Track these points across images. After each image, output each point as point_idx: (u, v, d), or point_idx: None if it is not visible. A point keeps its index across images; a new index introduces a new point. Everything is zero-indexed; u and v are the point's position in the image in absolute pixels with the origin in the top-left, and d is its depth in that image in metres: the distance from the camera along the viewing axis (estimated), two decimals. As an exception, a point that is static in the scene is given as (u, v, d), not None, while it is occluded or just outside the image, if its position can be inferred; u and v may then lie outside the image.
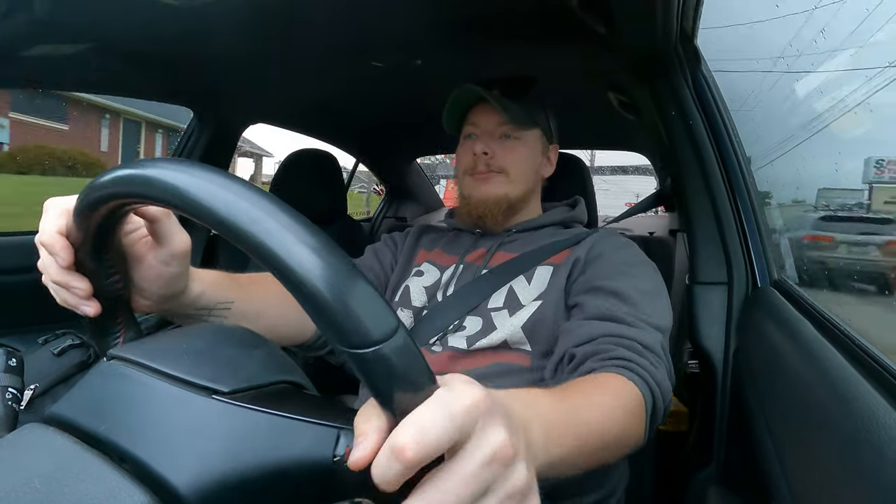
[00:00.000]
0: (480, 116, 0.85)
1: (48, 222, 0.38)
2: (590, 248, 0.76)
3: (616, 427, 0.50)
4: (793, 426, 0.55)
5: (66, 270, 0.38)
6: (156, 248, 0.45)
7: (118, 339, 0.41)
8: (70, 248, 0.38)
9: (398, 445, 0.23)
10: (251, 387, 0.31)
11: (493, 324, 0.72)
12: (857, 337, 0.52)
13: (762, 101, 1.17)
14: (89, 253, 0.38)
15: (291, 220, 0.26)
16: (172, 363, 0.31)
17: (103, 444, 0.28)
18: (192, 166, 0.28)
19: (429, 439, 0.23)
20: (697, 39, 0.94)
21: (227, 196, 0.26)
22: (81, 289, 0.39)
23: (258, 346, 0.35)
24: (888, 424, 0.37)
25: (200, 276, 0.53)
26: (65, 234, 0.38)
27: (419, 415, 0.24)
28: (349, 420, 0.29)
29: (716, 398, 0.84)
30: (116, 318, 0.42)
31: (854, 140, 1.10)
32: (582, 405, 0.48)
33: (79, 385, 0.33)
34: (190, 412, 0.29)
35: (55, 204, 0.40)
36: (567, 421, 0.42)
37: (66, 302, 0.40)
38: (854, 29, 1.30)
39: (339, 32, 1.01)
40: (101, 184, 0.33)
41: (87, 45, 1.00)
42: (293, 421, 0.29)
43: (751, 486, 0.67)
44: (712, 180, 0.92)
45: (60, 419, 0.30)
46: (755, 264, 0.87)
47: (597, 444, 0.46)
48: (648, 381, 0.57)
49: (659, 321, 0.65)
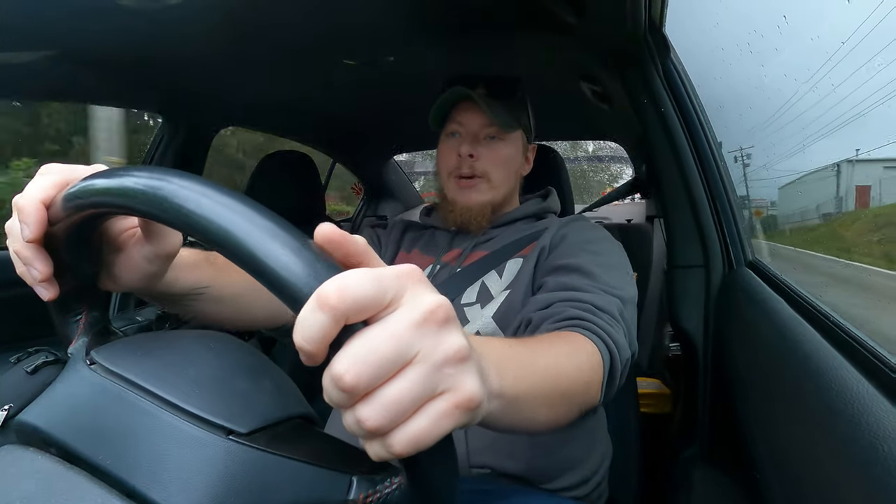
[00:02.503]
0: (466, 116, 0.84)
1: (35, 186, 0.35)
2: (554, 234, 0.78)
3: (572, 372, 0.50)
4: (772, 401, 0.56)
5: (32, 245, 0.35)
6: (142, 244, 0.42)
7: (79, 319, 0.38)
8: (43, 223, 0.34)
9: (322, 293, 0.23)
10: (267, 425, 0.30)
11: (465, 318, 0.74)
12: (831, 313, 0.54)
13: (730, 86, 1.19)
14: (64, 239, 0.35)
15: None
16: (184, 395, 0.29)
17: (104, 475, 0.27)
18: (174, 176, 0.28)
19: (352, 290, 0.23)
20: (666, 28, 0.96)
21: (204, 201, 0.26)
22: (40, 271, 0.35)
23: (266, 374, 0.34)
24: (861, 394, 0.38)
25: (177, 258, 0.49)
26: (47, 204, 0.34)
27: (346, 274, 0.24)
28: (362, 464, 0.29)
29: (698, 378, 0.86)
30: (81, 298, 0.39)
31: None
32: (537, 349, 0.48)
33: (59, 395, 0.31)
34: (207, 454, 0.27)
35: (52, 170, 0.36)
36: (522, 361, 0.42)
37: (23, 275, 0.37)
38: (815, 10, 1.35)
39: (310, 32, 0.99)
40: (77, 192, 0.31)
41: (47, 52, 0.97)
42: (309, 466, 0.28)
43: (735, 461, 0.69)
44: (685, 166, 0.94)
45: (42, 435, 0.29)
46: (730, 247, 0.89)
47: (553, 387, 0.46)
48: (604, 338, 0.57)
49: (618, 291, 0.65)
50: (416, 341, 0.24)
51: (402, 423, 0.24)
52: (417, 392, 0.24)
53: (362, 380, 0.23)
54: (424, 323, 0.24)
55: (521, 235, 0.82)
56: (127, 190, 0.29)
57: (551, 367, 0.47)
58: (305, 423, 0.33)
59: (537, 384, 0.42)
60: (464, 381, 0.25)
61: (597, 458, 0.74)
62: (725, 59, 1.17)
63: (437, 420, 0.24)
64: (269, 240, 0.25)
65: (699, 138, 0.94)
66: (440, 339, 0.25)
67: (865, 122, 0.88)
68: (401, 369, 0.24)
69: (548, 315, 0.62)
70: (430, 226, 0.92)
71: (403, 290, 0.25)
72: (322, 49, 1.08)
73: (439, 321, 0.25)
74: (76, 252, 0.37)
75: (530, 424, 0.44)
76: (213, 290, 0.54)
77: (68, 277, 0.37)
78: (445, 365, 0.25)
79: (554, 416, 0.47)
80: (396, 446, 0.24)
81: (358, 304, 0.23)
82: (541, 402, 0.43)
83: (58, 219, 0.34)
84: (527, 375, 0.40)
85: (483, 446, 0.66)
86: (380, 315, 0.24)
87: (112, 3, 0.80)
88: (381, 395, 0.23)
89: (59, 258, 0.36)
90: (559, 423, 0.49)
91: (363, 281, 0.23)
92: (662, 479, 0.92)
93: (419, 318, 0.24)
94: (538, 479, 0.68)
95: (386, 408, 0.23)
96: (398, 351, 0.23)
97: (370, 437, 0.24)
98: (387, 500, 0.28)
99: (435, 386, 0.24)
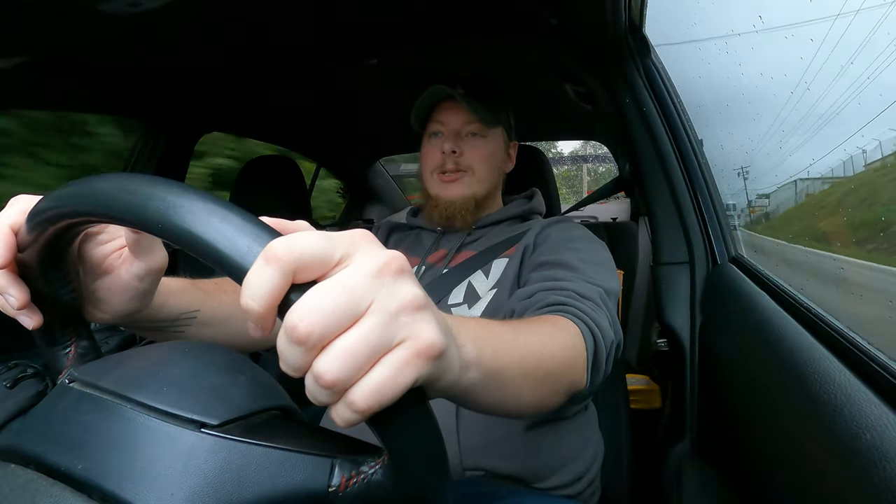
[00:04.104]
0: (447, 114, 0.86)
1: (3, 214, 0.34)
2: (537, 233, 0.79)
3: (555, 351, 0.49)
4: (757, 394, 0.57)
5: (4, 272, 0.34)
6: (130, 262, 0.42)
7: (69, 350, 0.38)
8: (12, 248, 0.33)
9: (269, 248, 0.22)
10: (241, 416, 0.29)
11: None
12: (812, 306, 0.55)
13: (710, 86, 1.21)
14: (37, 263, 0.35)
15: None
16: (153, 394, 0.29)
17: (82, 485, 0.26)
18: (142, 182, 0.27)
19: (299, 244, 0.22)
20: (646, 28, 0.97)
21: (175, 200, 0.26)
22: (16, 297, 0.34)
23: (241, 370, 0.33)
24: (843, 385, 0.39)
25: (163, 285, 0.49)
26: (16, 231, 0.34)
27: (294, 233, 0.23)
28: (343, 448, 0.28)
29: (685, 373, 0.87)
30: (67, 328, 0.38)
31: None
32: (518, 328, 0.48)
33: (39, 413, 0.31)
34: (178, 448, 0.27)
35: (21, 200, 0.35)
36: (502, 337, 0.41)
37: (2, 308, 0.36)
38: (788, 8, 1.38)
39: (293, 35, 0.98)
40: (37, 209, 0.31)
41: (21, 58, 0.94)
42: (287, 452, 0.28)
43: (724, 455, 0.70)
44: (668, 164, 0.95)
45: (21, 452, 0.28)
46: (714, 243, 0.91)
47: (536, 365, 0.45)
48: (586, 321, 0.57)
49: (601, 283, 0.66)
50: (370, 292, 0.23)
51: (362, 376, 0.23)
52: (374, 341, 0.23)
53: (315, 328, 0.22)
54: (379, 274, 0.24)
55: (506, 236, 0.83)
56: (80, 195, 0.29)
57: (533, 344, 0.46)
58: (284, 413, 0.32)
59: (518, 361, 0.42)
60: (422, 329, 0.24)
61: (589, 455, 0.75)
62: (704, 57, 1.19)
63: (397, 369, 0.23)
64: (215, 217, 0.24)
65: (681, 136, 0.96)
66: (395, 288, 0.24)
67: (841, 119, 0.90)
68: (356, 321, 0.23)
69: (531, 303, 0.62)
70: (416, 226, 0.92)
71: (355, 248, 0.24)
72: (305, 53, 1.07)
73: (393, 272, 0.24)
74: (51, 277, 0.36)
75: (517, 405, 0.44)
76: (204, 314, 0.53)
77: (48, 306, 0.36)
78: (401, 313, 0.24)
79: (540, 396, 0.47)
80: (358, 401, 0.23)
81: (305, 258, 0.22)
82: (524, 380, 0.43)
83: (26, 243, 0.33)
84: (508, 351, 0.40)
85: (475, 448, 0.66)
86: (330, 272, 0.24)
87: (90, 8, 0.78)
88: (335, 346, 0.22)
89: (35, 287, 0.35)
90: (547, 404, 0.49)
91: (311, 236, 0.23)
92: (654, 474, 0.93)
93: (373, 269, 0.24)
94: (531, 478, 0.68)
95: (341, 358, 0.22)
96: (352, 300, 0.23)
97: (332, 398, 0.23)
98: (370, 480, 0.27)
99: (392, 335, 0.23)
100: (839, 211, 1.06)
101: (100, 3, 0.77)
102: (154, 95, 1.23)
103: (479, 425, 0.67)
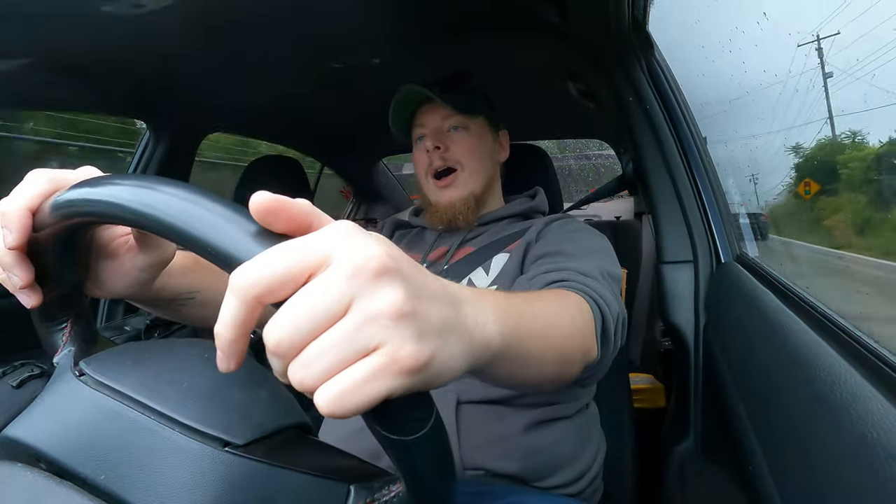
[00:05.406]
0: (426, 116, 0.88)
1: (21, 192, 0.33)
2: (539, 230, 0.79)
3: (567, 319, 0.50)
4: (762, 392, 0.57)
5: (13, 252, 0.33)
6: (134, 252, 0.41)
7: (64, 327, 0.37)
8: (27, 230, 0.33)
9: (232, 279, 0.23)
10: (264, 436, 0.29)
11: None
12: (817, 303, 0.54)
13: (713, 82, 1.21)
14: (51, 245, 0.34)
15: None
16: (177, 406, 0.28)
17: (99, 491, 0.26)
18: (165, 185, 0.28)
19: (264, 271, 0.22)
20: (649, 26, 0.97)
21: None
22: (20, 277, 0.34)
23: (261, 384, 0.33)
24: (848, 382, 0.39)
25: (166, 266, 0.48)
26: (34, 210, 0.33)
27: (261, 254, 0.23)
28: (360, 473, 0.29)
29: (689, 372, 0.87)
30: (66, 306, 0.38)
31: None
32: (531, 298, 0.49)
33: (48, 407, 0.31)
34: (203, 465, 0.27)
35: (40, 176, 0.34)
36: (520, 308, 0.41)
37: (3, 282, 0.36)
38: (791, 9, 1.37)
39: (296, 35, 0.99)
40: (66, 201, 0.31)
41: (25, 60, 0.95)
42: (306, 476, 0.28)
43: (728, 454, 0.70)
44: (672, 162, 0.95)
45: (28, 447, 0.28)
46: (718, 241, 0.90)
47: (555, 334, 0.45)
48: (591, 294, 0.57)
49: (601, 266, 0.66)
50: (344, 296, 0.22)
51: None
52: (345, 343, 0.22)
53: (284, 338, 0.22)
54: (355, 275, 0.22)
55: (508, 232, 0.83)
56: (120, 201, 0.28)
57: (548, 312, 0.47)
58: (301, 432, 0.33)
59: (539, 330, 0.42)
60: (398, 340, 0.23)
61: (590, 454, 0.74)
62: (708, 55, 1.19)
63: (366, 377, 0.22)
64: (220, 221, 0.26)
65: (684, 134, 0.95)
66: (373, 290, 0.23)
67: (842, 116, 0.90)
68: (332, 324, 0.22)
69: (531, 285, 0.63)
70: (418, 225, 0.92)
71: (333, 248, 0.23)
72: (308, 52, 1.08)
73: (372, 272, 0.23)
74: (62, 259, 0.36)
75: (539, 374, 0.44)
76: (203, 295, 0.54)
77: (52, 285, 0.36)
78: (379, 318, 0.23)
79: (560, 366, 0.47)
80: (321, 405, 0.22)
81: (271, 284, 0.22)
82: (547, 351, 0.43)
83: (44, 225, 0.33)
84: (528, 320, 0.40)
85: (476, 447, 0.66)
86: (308, 281, 0.23)
87: (93, 9, 0.78)
88: (305, 351, 0.22)
89: (43, 265, 0.35)
90: (564, 375, 0.49)
91: (278, 257, 0.23)
92: (657, 472, 0.92)
93: (349, 271, 0.22)
94: (532, 477, 0.68)
95: (307, 362, 0.22)
96: (324, 305, 0.22)
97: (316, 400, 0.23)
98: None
99: (367, 339, 0.22)
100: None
101: (104, 5, 0.77)
102: (157, 96, 1.23)
103: (480, 425, 0.67)
